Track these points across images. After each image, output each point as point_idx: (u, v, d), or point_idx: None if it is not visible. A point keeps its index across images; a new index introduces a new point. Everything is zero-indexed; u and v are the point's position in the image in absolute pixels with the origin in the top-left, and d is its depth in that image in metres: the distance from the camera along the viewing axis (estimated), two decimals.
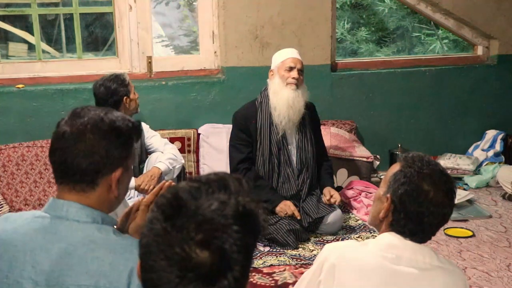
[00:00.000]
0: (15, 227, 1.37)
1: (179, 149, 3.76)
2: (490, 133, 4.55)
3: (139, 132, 1.46)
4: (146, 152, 3.47)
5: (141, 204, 1.48)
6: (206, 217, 0.88)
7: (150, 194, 1.49)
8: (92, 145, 1.34)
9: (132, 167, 3.40)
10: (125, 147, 1.39)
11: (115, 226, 1.42)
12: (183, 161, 3.49)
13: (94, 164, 1.34)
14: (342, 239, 3.30)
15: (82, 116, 1.36)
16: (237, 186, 0.94)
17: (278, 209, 3.25)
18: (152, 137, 3.48)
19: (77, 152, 1.33)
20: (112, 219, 1.42)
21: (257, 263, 3.01)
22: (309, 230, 3.35)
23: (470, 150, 4.58)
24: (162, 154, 3.37)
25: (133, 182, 3.18)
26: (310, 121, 3.44)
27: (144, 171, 3.39)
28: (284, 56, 3.34)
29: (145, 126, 3.49)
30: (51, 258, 1.30)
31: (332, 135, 4.06)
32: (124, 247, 1.32)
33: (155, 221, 0.91)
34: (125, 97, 3.24)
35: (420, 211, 1.51)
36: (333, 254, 1.58)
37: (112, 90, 3.21)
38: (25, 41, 4.81)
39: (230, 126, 3.50)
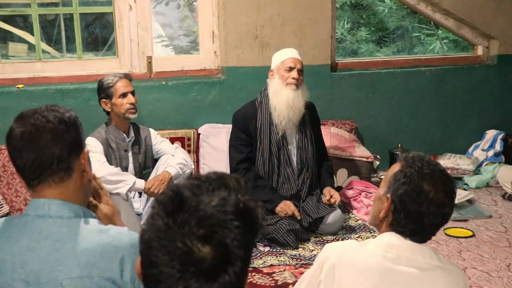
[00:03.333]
0: None
1: None
2: (490, 133, 4.55)
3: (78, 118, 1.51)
4: (152, 159, 3.46)
5: (91, 202, 1.55)
6: (207, 212, 0.90)
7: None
8: (55, 132, 1.37)
9: (134, 171, 3.40)
10: (80, 130, 1.44)
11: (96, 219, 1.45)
12: (193, 166, 3.48)
13: (65, 148, 1.37)
14: (342, 239, 3.30)
15: (31, 115, 1.40)
16: (236, 185, 0.96)
17: (278, 209, 3.25)
18: (161, 142, 3.48)
19: (45, 142, 1.36)
20: (92, 213, 1.47)
21: (257, 263, 3.01)
22: (309, 230, 3.35)
23: (470, 150, 4.58)
24: (173, 157, 3.37)
25: (143, 184, 3.18)
26: (310, 121, 3.44)
27: (153, 173, 3.39)
28: (284, 56, 3.34)
29: (153, 132, 3.49)
30: (39, 256, 1.31)
31: (332, 135, 4.06)
32: (112, 236, 1.35)
33: (157, 217, 0.92)
34: (103, 100, 3.30)
35: (420, 211, 1.51)
36: (333, 254, 1.58)
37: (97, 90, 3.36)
38: (25, 41, 4.81)
39: (230, 126, 3.50)
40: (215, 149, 3.95)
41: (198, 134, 4.01)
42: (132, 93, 3.31)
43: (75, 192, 1.41)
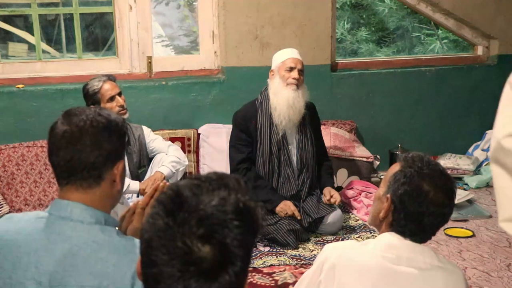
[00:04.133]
0: (18, 227, 1.37)
1: None
2: (490, 133, 4.54)
3: (127, 127, 1.49)
4: (147, 157, 3.45)
5: (137, 207, 1.49)
6: (207, 212, 0.90)
7: (146, 197, 1.50)
8: (96, 138, 1.35)
9: (130, 171, 3.38)
10: (123, 140, 1.42)
11: (117, 228, 1.43)
12: (187, 163, 3.47)
13: (102, 157, 1.36)
14: (342, 239, 3.30)
15: (78, 114, 1.37)
16: (236, 185, 0.96)
17: (278, 209, 3.25)
18: (154, 140, 3.47)
19: (83, 147, 1.34)
20: (114, 220, 1.44)
21: (257, 263, 3.01)
22: (309, 230, 3.35)
23: (470, 150, 4.58)
24: (166, 156, 3.37)
25: (137, 186, 3.18)
26: (310, 121, 3.44)
27: (148, 172, 3.38)
28: (285, 56, 3.34)
29: (146, 130, 3.48)
30: (54, 258, 1.30)
31: (332, 135, 4.06)
32: (127, 248, 1.32)
33: (157, 216, 0.92)
34: (91, 106, 3.26)
35: (420, 211, 1.52)
36: (333, 254, 1.58)
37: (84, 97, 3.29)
38: (25, 41, 4.81)
39: (230, 126, 3.50)
40: (215, 149, 3.95)
41: (198, 134, 4.01)
42: (119, 94, 3.27)
43: (101, 200, 1.39)
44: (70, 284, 1.28)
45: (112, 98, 3.22)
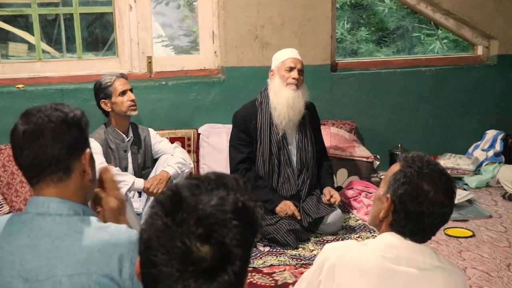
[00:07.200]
0: None
1: None
2: (490, 133, 4.55)
3: (87, 118, 1.51)
4: (152, 159, 3.45)
5: (98, 194, 1.55)
6: (206, 212, 0.90)
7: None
8: (56, 132, 1.38)
9: (133, 171, 3.39)
10: (84, 130, 1.45)
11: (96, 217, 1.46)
12: (192, 166, 3.48)
13: (65, 149, 1.38)
14: (342, 239, 3.30)
15: (35, 113, 1.41)
16: (235, 185, 0.96)
17: (278, 209, 3.25)
18: (160, 142, 3.48)
19: (45, 142, 1.37)
20: (91, 211, 1.47)
21: (257, 263, 3.01)
22: (309, 230, 3.35)
23: (470, 150, 4.58)
24: (172, 157, 3.37)
25: (142, 184, 3.18)
26: (310, 121, 3.44)
27: (153, 173, 3.38)
28: (284, 56, 3.34)
29: (152, 132, 3.49)
30: (38, 254, 1.32)
31: (332, 135, 4.06)
32: (110, 233, 1.36)
33: (156, 216, 0.92)
34: (103, 100, 3.29)
35: (420, 211, 1.51)
36: (333, 254, 1.58)
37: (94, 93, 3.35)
38: (25, 41, 4.82)
39: (230, 126, 3.50)
40: (215, 149, 3.95)
41: (198, 134, 4.00)
42: (131, 90, 3.32)
43: (75, 192, 1.42)
44: (58, 275, 1.30)
45: (123, 92, 3.28)
